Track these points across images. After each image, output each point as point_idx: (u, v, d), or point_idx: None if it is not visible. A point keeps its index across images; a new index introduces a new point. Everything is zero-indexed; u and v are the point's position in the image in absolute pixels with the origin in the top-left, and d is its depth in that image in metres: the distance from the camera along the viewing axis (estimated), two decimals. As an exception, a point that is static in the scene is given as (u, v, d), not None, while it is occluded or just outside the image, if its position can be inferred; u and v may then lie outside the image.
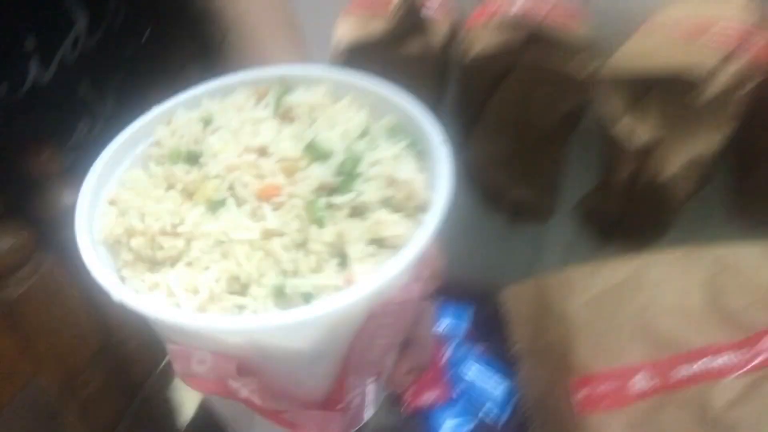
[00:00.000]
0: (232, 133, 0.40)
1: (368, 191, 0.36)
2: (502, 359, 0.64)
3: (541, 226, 0.70)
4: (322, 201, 0.36)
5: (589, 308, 0.54)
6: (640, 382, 0.49)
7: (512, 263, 0.78)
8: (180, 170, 0.38)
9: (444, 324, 0.67)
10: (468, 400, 0.61)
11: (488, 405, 0.61)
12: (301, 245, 0.35)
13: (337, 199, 0.36)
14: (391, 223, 0.35)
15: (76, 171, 0.50)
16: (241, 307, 0.33)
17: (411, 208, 0.38)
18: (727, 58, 0.51)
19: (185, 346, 0.33)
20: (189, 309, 0.32)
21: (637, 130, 0.56)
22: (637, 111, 0.55)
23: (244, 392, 0.34)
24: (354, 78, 0.43)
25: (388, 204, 0.37)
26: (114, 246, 0.37)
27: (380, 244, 0.36)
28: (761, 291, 0.48)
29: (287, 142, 0.39)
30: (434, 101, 0.66)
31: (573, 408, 0.52)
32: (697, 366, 0.47)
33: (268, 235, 0.35)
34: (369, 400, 0.46)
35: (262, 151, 0.38)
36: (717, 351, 0.47)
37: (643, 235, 0.65)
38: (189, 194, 0.38)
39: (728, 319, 0.48)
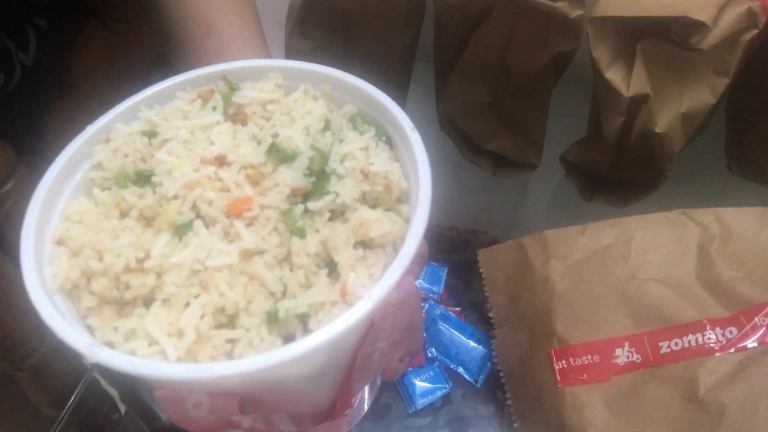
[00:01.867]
0: (183, 144, 0.36)
1: (345, 190, 0.34)
2: (477, 323, 0.61)
3: (525, 177, 0.65)
4: (299, 208, 0.34)
5: (571, 275, 0.50)
6: (623, 355, 0.46)
7: (496, 212, 0.75)
8: (131, 194, 0.34)
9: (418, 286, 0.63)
10: (441, 365, 0.59)
11: (461, 370, 0.58)
12: (285, 260, 0.33)
13: (315, 205, 0.34)
14: (375, 223, 0.34)
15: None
16: (233, 341, 0.31)
17: (390, 200, 0.36)
18: (724, 5, 0.45)
19: (176, 391, 0.30)
20: (176, 355, 0.29)
21: (630, 78, 0.50)
22: (629, 59, 0.49)
23: (247, 422, 0.32)
24: (304, 65, 0.40)
25: (366, 199, 0.36)
26: (72, 292, 0.33)
27: (367, 245, 0.34)
28: (755, 262, 0.44)
29: (246, 147, 0.36)
30: (405, 47, 0.59)
31: (552, 378, 0.49)
32: (684, 341, 0.44)
33: (247, 255, 0.32)
34: (369, 394, 0.46)
35: (221, 161, 0.35)
36: (706, 326, 0.44)
37: (633, 188, 0.60)
38: (148, 221, 0.34)
39: (719, 292, 0.44)
